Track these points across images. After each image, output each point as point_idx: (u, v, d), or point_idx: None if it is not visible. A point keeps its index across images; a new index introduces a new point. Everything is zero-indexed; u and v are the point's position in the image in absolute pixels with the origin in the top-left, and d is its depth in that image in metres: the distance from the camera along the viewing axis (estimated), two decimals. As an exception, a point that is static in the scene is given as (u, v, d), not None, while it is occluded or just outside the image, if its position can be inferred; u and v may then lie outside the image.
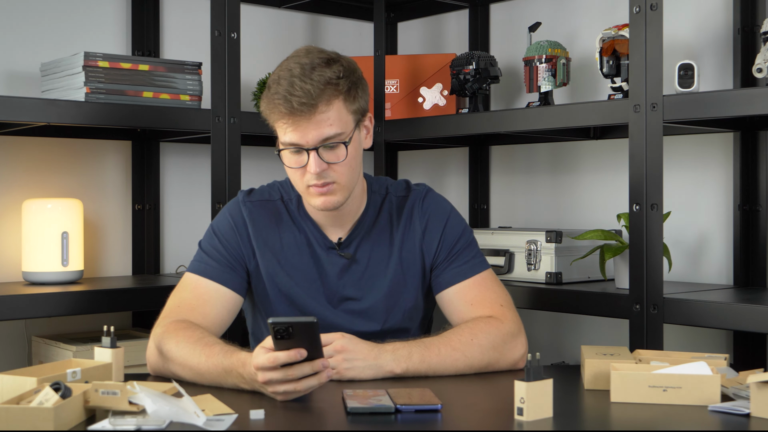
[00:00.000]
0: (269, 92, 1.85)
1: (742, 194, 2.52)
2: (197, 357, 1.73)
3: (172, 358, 1.78)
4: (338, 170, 1.87)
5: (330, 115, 1.83)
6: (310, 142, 1.83)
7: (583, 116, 2.41)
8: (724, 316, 2.12)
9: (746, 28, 2.51)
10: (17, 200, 2.66)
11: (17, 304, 2.29)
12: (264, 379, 1.57)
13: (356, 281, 1.98)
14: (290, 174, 1.91)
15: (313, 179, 1.86)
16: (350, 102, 1.87)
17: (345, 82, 1.85)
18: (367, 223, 2.01)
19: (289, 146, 1.86)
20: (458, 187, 3.22)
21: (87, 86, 2.44)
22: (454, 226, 2.03)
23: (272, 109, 1.85)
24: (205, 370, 1.71)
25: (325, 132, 1.83)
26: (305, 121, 1.82)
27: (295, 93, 1.80)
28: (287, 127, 1.84)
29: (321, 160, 1.84)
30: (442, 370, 1.82)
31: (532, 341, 3.02)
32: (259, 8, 3.17)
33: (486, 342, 1.86)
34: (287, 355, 1.54)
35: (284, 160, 1.89)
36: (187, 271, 1.97)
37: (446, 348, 1.83)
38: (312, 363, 1.56)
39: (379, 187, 2.05)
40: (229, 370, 1.67)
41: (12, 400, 1.43)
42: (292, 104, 1.80)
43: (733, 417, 1.50)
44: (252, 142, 3.05)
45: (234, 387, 1.68)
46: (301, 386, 1.57)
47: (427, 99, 2.94)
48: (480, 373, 1.87)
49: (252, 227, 1.98)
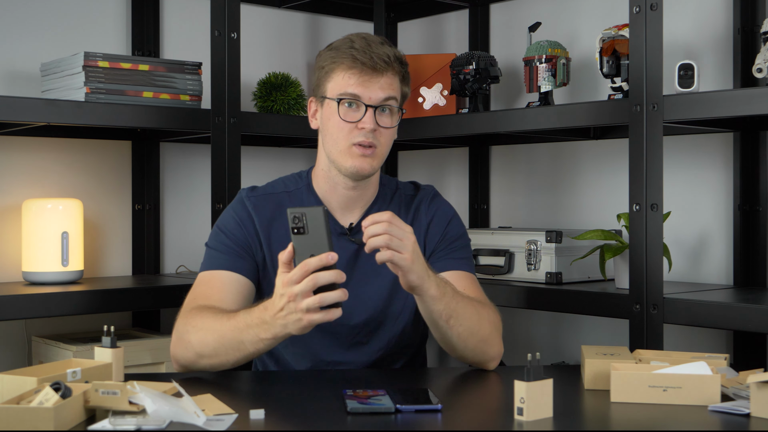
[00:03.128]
0: (337, 50, 1.94)
1: (742, 194, 2.52)
2: (220, 321, 1.77)
3: (198, 328, 1.79)
4: (384, 136, 1.95)
5: (394, 82, 1.95)
6: (372, 98, 1.92)
7: (583, 116, 2.41)
8: (724, 316, 2.12)
9: (746, 28, 2.51)
10: (17, 200, 2.66)
11: (17, 304, 2.29)
12: (293, 293, 1.60)
13: (363, 266, 2.00)
14: (336, 129, 1.94)
15: (360, 136, 1.92)
16: (404, 84, 2.00)
17: (406, 66, 2.00)
18: (377, 211, 2.03)
19: (350, 98, 1.92)
20: (458, 187, 3.22)
21: (87, 86, 2.44)
22: (457, 227, 2.08)
23: (344, 59, 1.92)
24: (227, 329, 1.74)
25: (388, 93, 1.93)
26: (377, 78, 1.92)
27: (374, 51, 1.91)
28: (354, 79, 1.92)
29: (375, 120, 1.92)
30: (462, 320, 1.82)
31: (532, 341, 3.04)
32: (259, 8, 3.17)
33: (494, 320, 1.91)
34: (318, 260, 1.59)
35: (340, 113, 1.93)
36: (199, 272, 1.98)
37: (468, 303, 1.86)
38: (336, 272, 1.60)
39: (389, 182, 2.11)
40: (250, 322, 1.71)
41: (12, 400, 1.43)
42: (372, 57, 1.91)
43: (733, 417, 1.50)
44: (252, 142, 3.05)
45: (254, 342, 1.71)
46: (328, 297, 1.60)
47: (427, 99, 2.94)
48: (480, 374, 1.87)
49: (258, 219, 1.99)
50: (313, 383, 1.80)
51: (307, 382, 1.81)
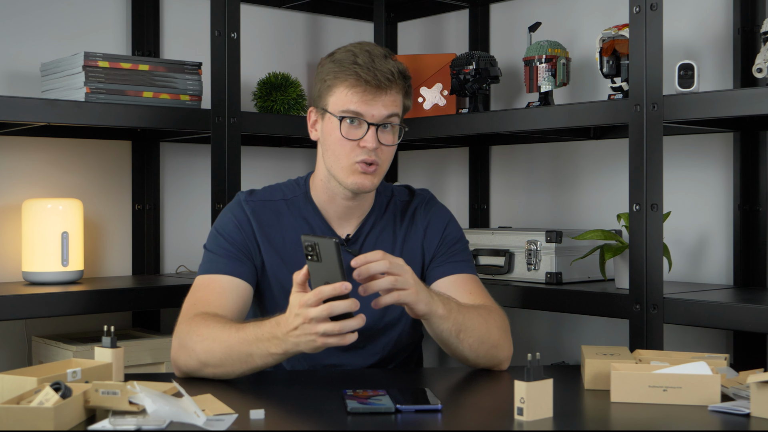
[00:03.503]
0: (340, 63, 1.90)
1: (742, 194, 2.52)
2: (228, 332, 1.75)
3: (203, 337, 1.77)
4: (385, 153, 1.93)
5: (397, 99, 1.92)
6: (375, 116, 1.89)
7: (583, 116, 2.41)
8: (724, 316, 2.12)
9: (746, 28, 2.51)
10: (17, 200, 2.66)
11: (17, 304, 2.29)
12: (308, 316, 1.59)
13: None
14: (337, 146, 1.92)
15: (363, 154, 1.90)
16: (407, 98, 1.97)
17: (409, 79, 1.96)
18: (373, 221, 2.03)
19: (352, 115, 1.90)
20: (458, 187, 3.22)
21: (87, 86, 2.44)
22: (454, 230, 2.08)
23: (347, 75, 1.89)
24: (235, 341, 1.73)
25: (391, 110, 1.91)
26: (380, 96, 1.89)
27: (378, 68, 1.88)
28: (357, 97, 1.89)
29: (377, 138, 1.90)
30: (470, 332, 1.82)
31: (532, 341, 3.04)
32: (259, 8, 3.17)
33: (501, 325, 1.90)
34: (332, 288, 1.58)
35: (342, 130, 1.90)
36: (197, 276, 1.97)
37: (475, 314, 1.85)
38: (351, 301, 1.59)
39: (385, 189, 2.10)
40: (260, 336, 1.70)
41: (12, 400, 1.43)
42: (376, 75, 1.87)
43: (733, 417, 1.50)
44: (252, 142, 3.05)
45: (263, 356, 1.70)
46: (347, 326, 1.59)
47: (427, 99, 2.94)
48: (480, 374, 1.87)
49: (256, 224, 1.99)
50: (313, 383, 1.80)
51: (307, 382, 1.81)
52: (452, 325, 1.80)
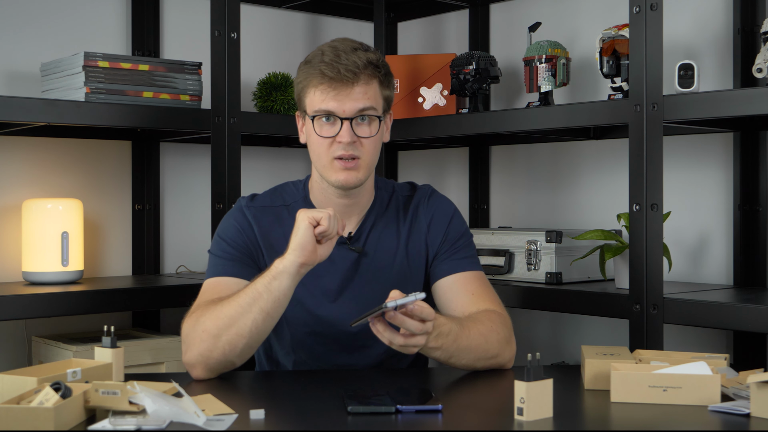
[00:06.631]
0: (310, 64, 1.93)
1: (742, 194, 2.52)
2: (228, 298, 1.81)
3: (208, 315, 1.80)
4: (365, 146, 1.92)
5: (368, 90, 1.91)
6: (347, 111, 1.89)
7: (583, 116, 2.41)
8: (724, 316, 2.12)
9: (746, 28, 2.51)
10: (17, 200, 2.66)
11: (17, 304, 2.29)
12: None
13: (363, 273, 2.00)
14: (316, 145, 1.94)
15: (341, 150, 1.90)
16: (384, 87, 1.96)
17: (383, 68, 1.95)
18: (374, 217, 2.03)
19: (324, 114, 1.91)
20: (458, 187, 3.22)
21: (87, 86, 2.44)
22: (458, 224, 2.07)
23: (314, 75, 1.91)
24: (239, 294, 1.79)
25: (363, 104, 1.90)
26: (347, 90, 1.89)
27: (341, 62, 1.88)
28: (326, 94, 1.90)
29: (353, 132, 1.90)
30: (465, 354, 1.82)
31: (532, 341, 3.04)
32: (259, 8, 3.17)
33: (502, 334, 1.89)
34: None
35: (315, 129, 1.92)
36: (205, 280, 1.98)
37: (475, 332, 1.84)
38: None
39: (386, 185, 2.10)
40: (260, 278, 1.80)
41: (12, 400, 1.43)
42: (339, 71, 1.87)
43: (733, 417, 1.50)
44: (252, 142, 3.05)
45: (267, 286, 1.78)
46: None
47: (427, 99, 2.94)
48: (480, 374, 1.87)
49: (258, 229, 1.99)
50: (313, 383, 1.80)
51: (307, 382, 1.82)
52: (441, 354, 1.80)
